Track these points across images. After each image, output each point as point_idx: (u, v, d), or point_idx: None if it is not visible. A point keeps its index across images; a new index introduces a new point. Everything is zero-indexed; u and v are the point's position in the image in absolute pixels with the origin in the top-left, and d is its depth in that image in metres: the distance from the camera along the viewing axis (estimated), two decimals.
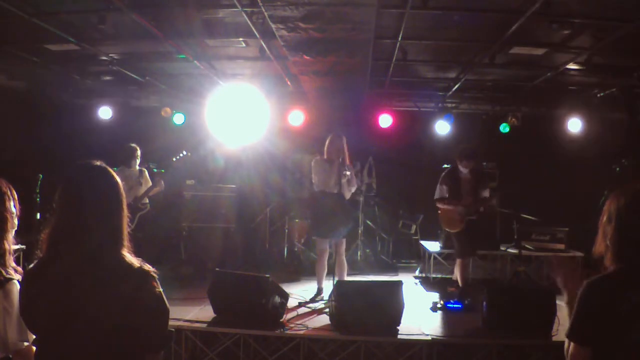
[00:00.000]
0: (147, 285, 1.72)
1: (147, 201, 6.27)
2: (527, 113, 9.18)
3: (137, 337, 1.69)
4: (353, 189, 5.89)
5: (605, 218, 1.89)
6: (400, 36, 5.80)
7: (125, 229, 1.78)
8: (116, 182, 1.81)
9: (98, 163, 1.83)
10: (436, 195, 6.08)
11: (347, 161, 5.77)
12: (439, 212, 6.18)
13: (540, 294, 4.84)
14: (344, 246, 5.91)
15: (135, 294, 1.68)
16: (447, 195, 5.95)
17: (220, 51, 6.81)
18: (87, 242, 1.69)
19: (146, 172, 6.59)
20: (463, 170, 5.92)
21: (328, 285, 5.57)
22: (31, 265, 1.79)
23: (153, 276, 1.75)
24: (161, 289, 1.76)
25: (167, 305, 1.78)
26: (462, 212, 5.83)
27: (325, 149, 5.82)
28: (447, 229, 6.17)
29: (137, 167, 6.52)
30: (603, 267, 1.88)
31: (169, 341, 1.85)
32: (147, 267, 1.75)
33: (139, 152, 6.51)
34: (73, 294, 1.66)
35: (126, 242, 1.77)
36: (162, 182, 6.28)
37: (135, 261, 1.75)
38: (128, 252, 1.76)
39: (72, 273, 1.67)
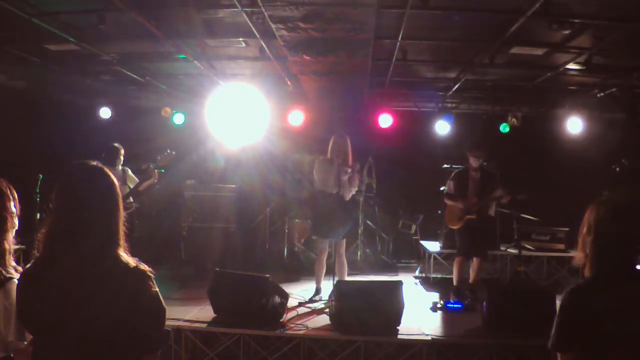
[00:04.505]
0: (143, 285, 1.72)
1: (132, 200, 6.28)
2: (527, 113, 9.17)
3: (134, 337, 1.69)
4: (354, 190, 5.90)
5: (585, 229, 1.96)
6: (400, 36, 5.79)
7: (122, 229, 1.78)
8: (112, 182, 1.81)
9: (94, 163, 1.83)
10: (445, 190, 6.24)
11: (350, 161, 5.78)
12: (446, 207, 6.27)
13: (540, 294, 4.84)
14: (344, 246, 5.91)
15: (132, 294, 1.68)
16: (453, 192, 6.04)
17: (220, 51, 6.81)
18: (84, 242, 1.69)
19: (129, 172, 6.58)
20: (474, 164, 5.99)
21: (327, 285, 5.57)
22: (28, 266, 1.79)
23: (149, 276, 1.75)
24: (157, 289, 1.76)
25: (164, 304, 1.77)
26: (462, 209, 5.87)
27: (329, 148, 5.83)
28: (448, 225, 6.28)
29: (120, 167, 6.52)
30: (582, 275, 1.97)
31: (166, 341, 1.86)
32: (144, 266, 1.75)
33: (122, 152, 6.51)
34: (69, 294, 1.66)
35: (122, 242, 1.77)
36: (156, 172, 6.20)
37: (131, 261, 1.74)
38: (124, 252, 1.76)
39: (69, 273, 1.67)
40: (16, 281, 1.99)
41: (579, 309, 1.84)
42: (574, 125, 8.75)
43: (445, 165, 7.99)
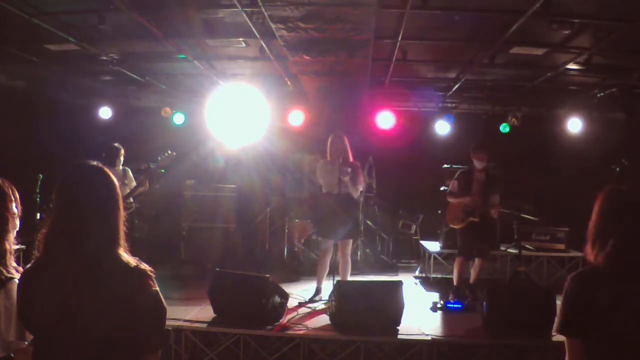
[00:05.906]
0: (143, 284, 1.72)
1: (132, 200, 6.30)
2: (527, 113, 9.18)
3: (134, 337, 1.69)
4: (360, 187, 5.88)
5: (593, 219, 1.98)
6: (400, 36, 5.80)
7: (122, 229, 1.78)
8: (112, 182, 1.81)
9: (94, 163, 1.83)
10: (449, 189, 6.22)
11: (351, 160, 5.77)
12: (447, 206, 6.27)
13: (540, 294, 4.84)
14: (349, 246, 5.89)
15: (132, 294, 1.69)
16: (457, 191, 6.03)
17: (220, 51, 6.81)
18: (84, 242, 1.69)
19: (129, 172, 6.59)
20: (478, 166, 5.97)
21: (328, 285, 5.56)
22: (28, 266, 1.79)
23: (150, 275, 1.75)
24: (157, 289, 1.76)
25: (164, 304, 1.78)
26: (465, 209, 5.86)
27: (327, 150, 5.82)
28: (449, 224, 6.27)
29: (121, 167, 6.52)
30: (587, 262, 1.97)
31: (166, 340, 1.86)
32: (144, 266, 1.75)
33: (122, 152, 6.51)
34: (70, 294, 1.66)
35: (122, 242, 1.77)
36: (147, 182, 6.25)
37: (131, 260, 1.74)
38: (124, 252, 1.76)
39: (69, 273, 1.67)
40: (17, 281, 2.00)
41: (582, 297, 1.84)
42: (574, 125, 8.75)
43: (445, 165, 7.99)
